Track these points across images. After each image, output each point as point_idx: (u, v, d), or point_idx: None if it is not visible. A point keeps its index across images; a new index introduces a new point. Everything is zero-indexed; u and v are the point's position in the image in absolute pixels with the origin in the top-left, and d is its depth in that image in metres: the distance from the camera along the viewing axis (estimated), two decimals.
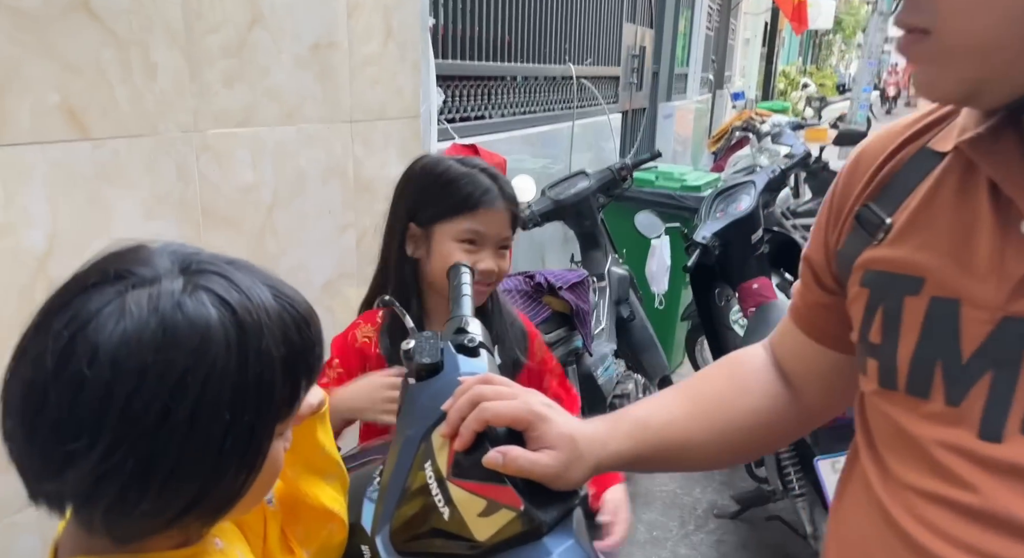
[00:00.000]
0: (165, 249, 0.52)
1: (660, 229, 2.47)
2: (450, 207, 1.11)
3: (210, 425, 0.47)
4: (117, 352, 0.45)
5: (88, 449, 0.45)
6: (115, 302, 0.47)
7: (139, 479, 0.46)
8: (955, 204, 0.55)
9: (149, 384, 0.45)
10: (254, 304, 0.50)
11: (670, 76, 5.30)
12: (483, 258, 1.11)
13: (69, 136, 1.05)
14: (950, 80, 0.50)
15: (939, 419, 0.54)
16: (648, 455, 0.72)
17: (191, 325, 0.46)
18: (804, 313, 0.73)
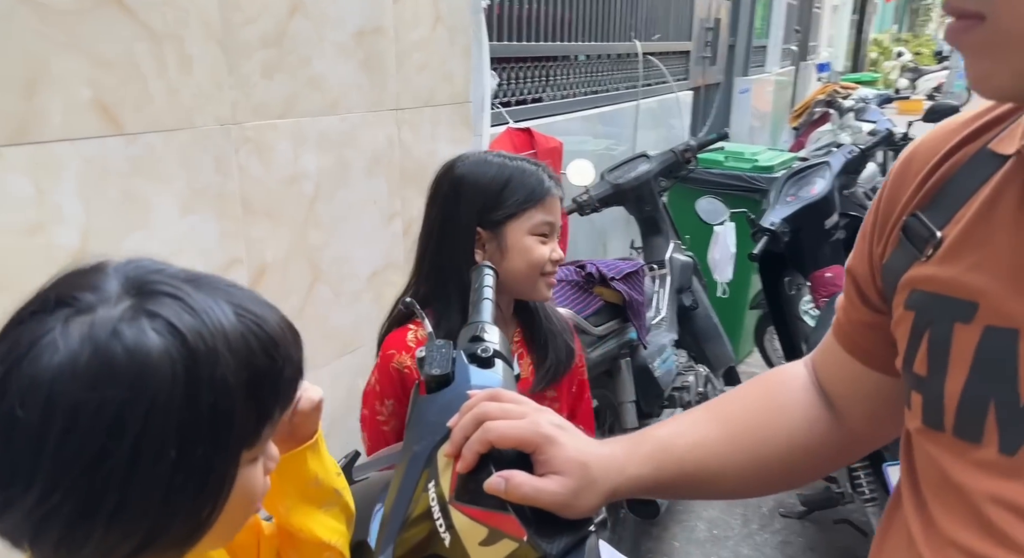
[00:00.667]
0: (122, 269, 0.48)
1: (723, 215, 2.34)
2: (518, 203, 1.10)
3: (155, 463, 0.44)
4: (50, 389, 0.42)
5: (23, 492, 0.42)
6: (51, 333, 0.43)
7: (81, 521, 0.44)
8: (1017, 217, 0.47)
9: (83, 423, 0.42)
10: (209, 328, 0.46)
11: (747, 49, 5.05)
12: (555, 247, 1.13)
13: (102, 132, 1.06)
14: (1007, 73, 0.42)
15: (992, 469, 0.46)
16: (671, 481, 0.66)
17: (129, 355, 0.43)
18: (848, 330, 0.65)
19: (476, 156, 1.15)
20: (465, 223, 1.11)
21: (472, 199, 1.11)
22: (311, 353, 0.56)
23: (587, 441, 0.65)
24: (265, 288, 1.41)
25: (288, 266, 1.46)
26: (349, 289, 1.62)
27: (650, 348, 2.14)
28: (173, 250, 1.19)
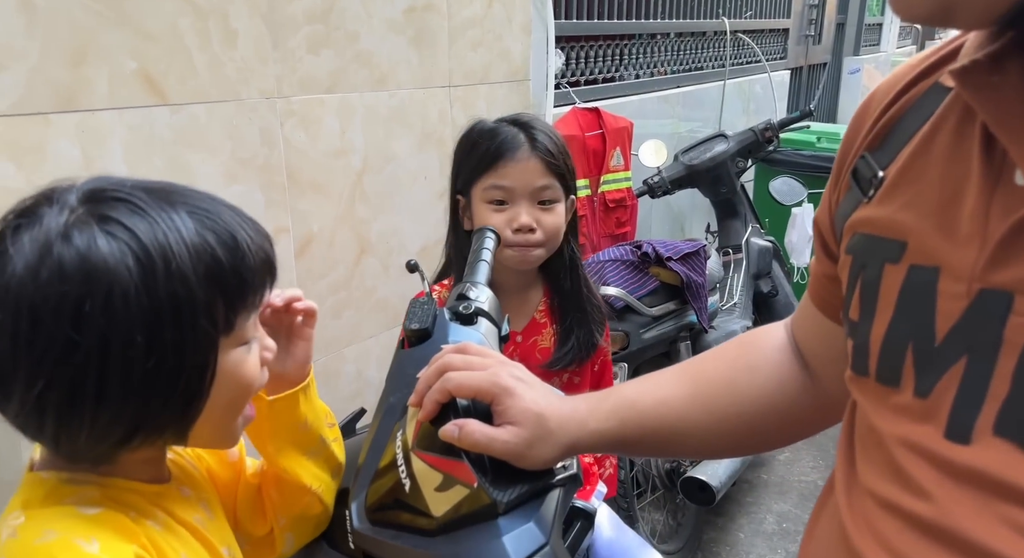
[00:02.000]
0: (85, 184, 0.53)
1: (801, 196, 2.20)
2: (475, 167, 1.06)
3: (125, 349, 0.48)
4: (15, 293, 0.47)
5: (12, 385, 0.48)
6: (10, 241, 0.49)
7: (68, 408, 0.49)
8: (949, 152, 0.44)
9: (46, 318, 0.47)
10: (162, 226, 0.50)
11: (859, 27, 4.71)
12: (518, 213, 1.04)
13: (147, 102, 1.14)
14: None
15: (906, 413, 0.43)
16: (635, 437, 0.64)
17: (79, 255, 0.47)
18: (817, 286, 0.61)
19: (478, 121, 1.13)
20: (452, 191, 1.12)
21: (454, 165, 1.12)
22: (358, 323, 0.59)
23: (547, 394, 0.64)
24: (311, 258, 1.46)
25: (335, 237, 1.50)
26: (397, 262, 1.65)
27: (716, 333, 2.05)
28: None
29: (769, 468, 2.45)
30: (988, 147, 0.41)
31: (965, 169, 0.42)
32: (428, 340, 0.75)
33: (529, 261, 1.07)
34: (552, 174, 1.06)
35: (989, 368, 0.39)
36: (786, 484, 2.38)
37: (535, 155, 1.04)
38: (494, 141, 1.05)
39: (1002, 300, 0.39)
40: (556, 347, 1.11)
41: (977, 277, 0.40)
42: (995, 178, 0.41)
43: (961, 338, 0.41)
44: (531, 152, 1.04)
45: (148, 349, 0.49)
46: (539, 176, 1.05)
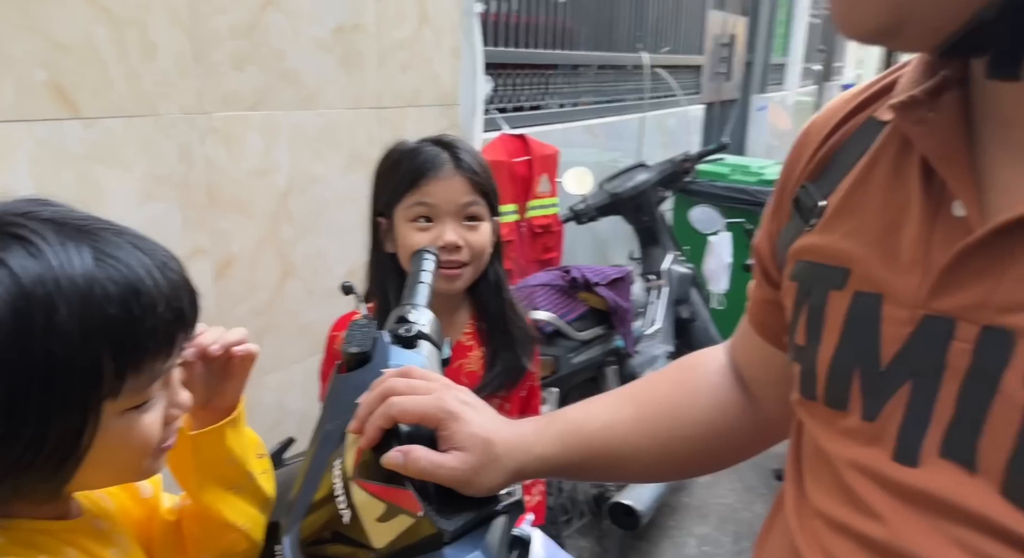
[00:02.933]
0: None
1: (718, 225, 2.30)
2: (397, 186, 1.04)
3: None
4: None
5: None
6: None
7: None
8: (888, 183, 0.46)
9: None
10: (53, 272, 0.46)
11: (765, 66, 5.01)
12: (443, 232, 1.01)
13: (57, 115, 1.06)
14: (870, 5, 0.39)
15: (854, 436, 0.45)
16: (580, 462, 0.64)
17: None
18: (756, 311, 0.63)
19: (398, 142, 1.11)
20: (373, 213, 1.10)
21: (375, 186, 1.10)
22: (281, 349, 0.54)
23: (494, 419, 0.63)
24: (231, 280, 1.40)
25: (257, 259, 1.45)
26: (323, 286, 1.61)
27: (640, 357, 2.09)
28: None
29: (689, 492, 2.51)
30: (927, 179, 0.43)
31: (904, 199, 0.44)
32: (368, 364, 0.73)
33: (456, 285, 1.05)
34: (477, 192, 1.04)
35: (933, 392, 0.41)
36: (706, 507, 2.44)
37: (460, 172, 1.03)
38: (417, 159, 1.04)
39: (945, 326, 0.41)
40: (484, 371, 1.10)
41: (920, 304, 0.42)
42: (934, 209, 0.43)
43: (906, 363, 0.42)
44: (455, 170, 1.03)
45: (9, 408, 0.44)
46: (464, 193, 1.03)
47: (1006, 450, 0.38)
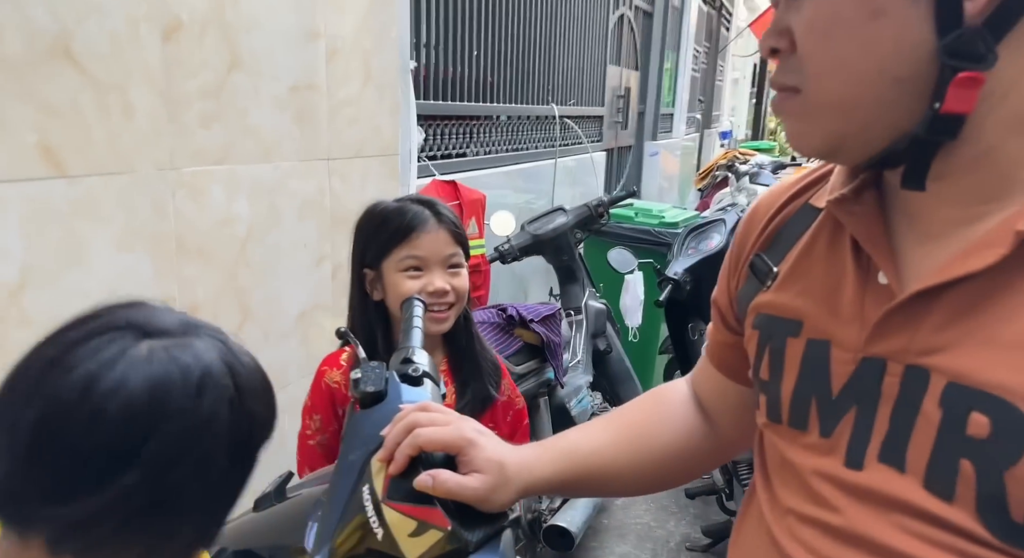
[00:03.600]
0: (165, 309, 0.56)
1: (632, 264, 2.53)
2: (387, 241, 1.16)
3: (216, 469, 0.52)
4: (152, 394, 0.49)
5: (107, 481, 0.48)
6: (135, 349, 0.50)
7: (148, 514, 0.50)
8: (827, 256, 0.60)
9: (175, 428, 0.49)
10: (246, 367, 0.56)
11: (655, 116, 5.43)
12: (432, 280, 1.15)
13: (45, 174, 1.11)
14: (816, 134, 0.54)
15: (814, 449, 0.58)
16: (573, 481, 0.75)
17: (210, 379, 0.51)
18: (715, 351, 0.77)
19: (378, 201, 1.23)
20: (355, 263, 1.21)
21: (357, 241, 1.22)
22: None
23: (503, 444, 0.73)
24: None
25: (218, 305, 1.50)
26: (278, 329, 1.67)
27: (567, 388, 2.26)
28: (110, 287, 1.23)
29: (609, 514, 2.67)
30: (856, 253, 0.57)
31: (841, 269, 0.58)
32: (383, 401, 0.83)
33: (444, 326, 1.18)
34: (457, 243, 1.19)
35: (872, 414, 0.53)
36: (624, 528, 2.61)
37: (443, 227, 1.17)
38: (405, 217, 1.17)
39: (879, 365, 0.53)
40: (456, 402, 1.21)
41: (860, 348, 0.55)
42: (864, 276, 0.56)
43: (851, 393, 0.55)
44: (439, 225, 1.17)
45: (227, 472, 0.54)
46: (448, 245, 1.17)
47: (926, 455, 0.51)
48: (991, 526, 0.47)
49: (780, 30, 0.55)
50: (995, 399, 0.47)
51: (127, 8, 1.22)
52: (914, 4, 0.47)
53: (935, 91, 0.48)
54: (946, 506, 0.49)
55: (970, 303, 0.50)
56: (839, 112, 0.52)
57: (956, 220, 0.53)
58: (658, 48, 5.27)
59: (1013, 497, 0.46)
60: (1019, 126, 0.49)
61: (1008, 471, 0.46)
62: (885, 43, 0.49)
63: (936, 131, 0.49)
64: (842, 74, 0.51)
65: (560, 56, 3.56)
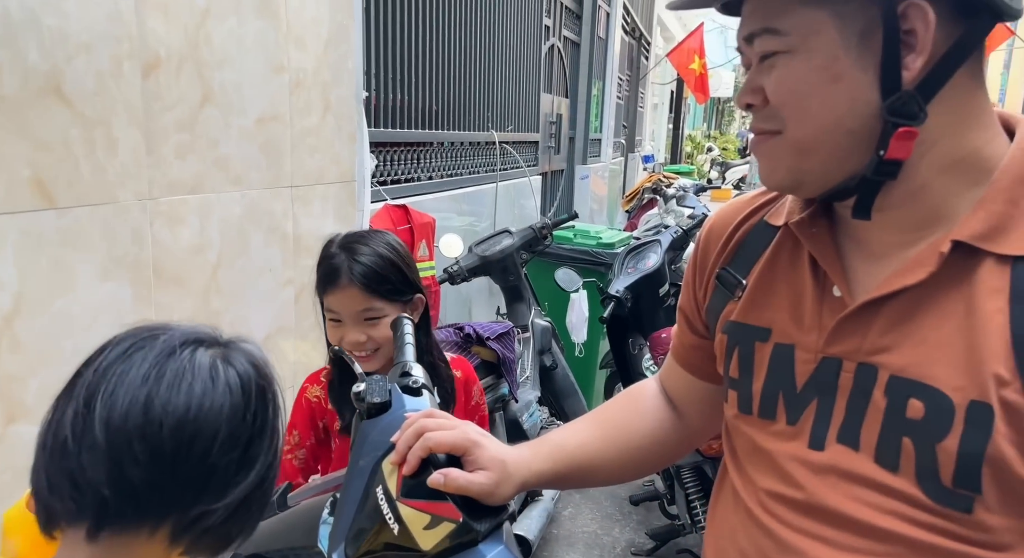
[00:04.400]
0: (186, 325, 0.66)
1: (578, 283, 2.67)
2: (317, 289, 1.23)
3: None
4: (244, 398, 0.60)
5: (234, 481, 0.58)
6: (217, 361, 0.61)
7: (248, 506, 0.60)
8: (788, 271, 0.72)
9: (267, 427, 0.61)
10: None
11: (585, 141, 5.67)
12: (347, 332, 1.20)
13: (37, 206, 1.15)
14: (782, 171, 0.66)
15: (782, 436, 0.69)
16: (564, 473, 0.85)
17: (266, 379, 0.64)
18: (681, 352, 0.89)
19: (332, 237, 1.27)
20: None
21: None
22: None
23: (503, 445, 0.82)
24: None
25: None
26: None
27: (519, 403, 2.37)
28: (94, 313, 1.27)
29: (558, 524, 2.78)
30: (814, 270, 0.68)
31: (802, 282, 0.68)
32: (388, 411, 0.92)
33: (371, 366, 1.21)
34: (373, 297, 1.18)
35: (831, 404, 0.64)
36: (573, 536, 2.72)
37: (353, 283, 1.17)
38: (324, 269, 1.21)
39: (836, 364, 0.64)
40: None
41: (819, 350, 0.65)
42: (821, 290, 0.67)
43: (813, 387, 0.66)
44: (350, 281, 1.17)
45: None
46: (360, 301, 1.18)
47: (876, 435, 0.62)
48: (927, 491, 0.60)
49: (753, 88, 0.66)
50: (927, 388, 0.59)
51: (112, 47, 1.28)
52: (864, 72, 0.60)
53: (880, 141, 0.60)
54: (892, 476, 0.61)
55: (907, 311, 0.62)
56: (803, 154, 0.64)
57: (895, 243, 0.64)
58: (585, 76, 5.51)
59: (943, 466, 0.58)
60: (945, 168, 0.62)
61: (939, 445, 0.58)
62: (841, 102, 0.60)
63: (880, 173, 0.61)
64: (807, 124, 0.63)
65: (498, 84, 3.72)
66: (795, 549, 0.67)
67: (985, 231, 0.60)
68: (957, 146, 0.62)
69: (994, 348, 0.57)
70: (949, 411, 0.58)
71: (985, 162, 0.62)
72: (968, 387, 0.58)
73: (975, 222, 0.60)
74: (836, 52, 0.60)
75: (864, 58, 0.60)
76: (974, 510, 0.58)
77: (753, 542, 0.71)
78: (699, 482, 2.22)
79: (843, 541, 0.64)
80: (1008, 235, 0.60)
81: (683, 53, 7.34)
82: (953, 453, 0.58)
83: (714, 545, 0.79)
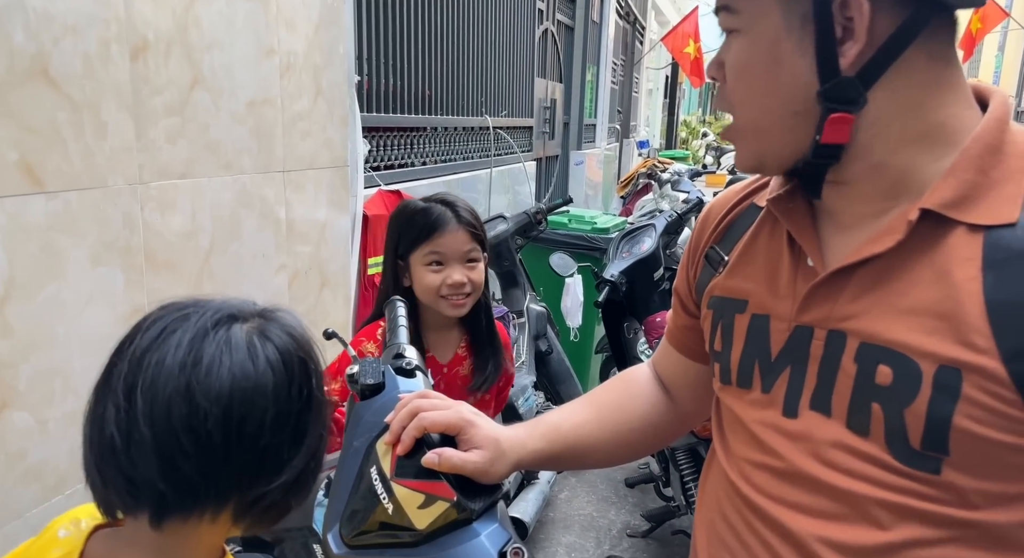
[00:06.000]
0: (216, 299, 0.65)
1: (573, 268, 2.67)
2: (414, 238, 1.33)
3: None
4: (287, 376, 0.60)
5: (287, 460, 0.59)
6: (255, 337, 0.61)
7: (302, 482, 0.61)
8: (767, 245, 0.73)
9: (315, 402, 0.63)
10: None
11: (580, 126, 5.65)
12: (451, 273, 1.33)
13: (25, 190, 1.14)
14: (744, 153, 0.69)
15: (757, 404, 0.70)
16: (559, 453, 0.86)
17: (306, 351, 0.64)
18: (675, 334, 0.90)
19: (408, 200, 1.41)
20: (390, 255, 1.38)
21: (390, 236, 1.39)
22: None
23: (497, 424, 0.82)
24: None
25: None
26: None
27: (515, 388, 2.37)
28: (85, 299, 1.26)
29: (553, 507, 2.80)
30: (791, 243, 0.69)
31: (779, 255, 0.70)
32: (382, 392, 0.92)
33: (461, 311, 1.35)
34: (475, 240, 1.36)
35: (803, 371, 0.65)
36: (569, 519, 2.75)
37: (462, 227, 1.34)
38: (429, 217, 1.34)
39: (807, 332, 0.66)
40: (475, 375, 1.39)
41: (792, 318, 0.67)
42: (796, 261, 0.68)
43: (787, 355, 0.67)
44: (458, 225, 1.34)
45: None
46: (466, 243, 1.35)
47: (846, 401, 0.63)
48: (896, 454, 0.61)
49: (718, 63, 0.68)
50: (896, 354, 0.60)
51: (99, 29, 1.26)
52: (803, 56, 0.61)
53: (817, 126, 0.62)
54: (863, 441, 0.63)
55: (876, 279, 0.63)
56: (756, 135, 0.67)
57: (864, 214, 0.66)
58: (580, 61, 5.49)
59: (911, 429, 0.60)
60: (906, 143, 0.63)
61: (907, 409, 0.60)
62: (784, 84, 0.63)
63: (820, 156, 0.64)
64: (755, 106, 0.65)
65: (492, 69, 3.70)
66: (775, 519, 0.68)
67: (954, 199, 0.60)
68: (917, 122, 0.62)
69: (967, 316, 0.58)
70: (917, 376, 0.59)
71: (953, 135, 0.62)
72: (936, 353, 0.58)
73: (944, 190, 0.61)
74: (779, 35, 0.61)
75: (804, 43, 0.61)
76: (942, 471, 0.59)
77: (738, 513, 0.72)
78: (694, 463, 2.23)
79: (819, 507, 0.65)
80: (977, 204, 0.60)
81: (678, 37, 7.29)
82: (922, 417, 0.59)
83: (703, 519, 0.80)
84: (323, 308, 2.09)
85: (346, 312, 2.24)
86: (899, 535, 0.61)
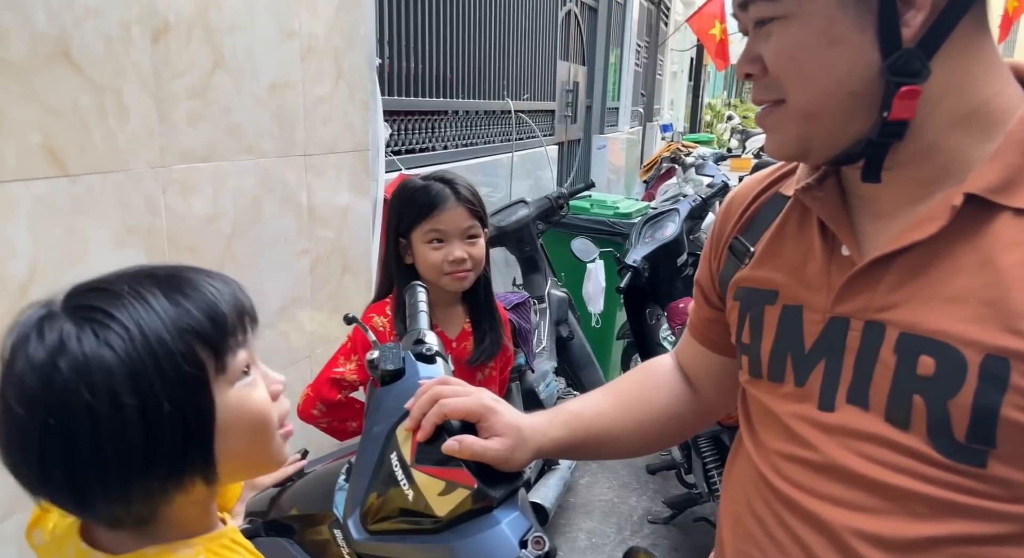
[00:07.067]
0: None
1: (595, 254, 2.65)
2: (414, 216, 1.35)
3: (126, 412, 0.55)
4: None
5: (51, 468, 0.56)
6: None
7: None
8: (796, 235, 0.71)
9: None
10: (137, 308, 0.59)
11: (602, 110, 5.58)
12: (452, 249, 1.34)
13: (49, 173, 1.14)
14: (791, 140, 0.66)
15: (791, 397, 0.69)
16: (580, 442, 0.85)
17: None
18: (698, 326, 0.88)
19: (408, 179, 1.41)
20: (391, 233, 1.39)
21: (391, 214, 1.40)
22: None
23: (518, 412, 0.82)
24: None
25: None
26: (261, 321, 1.71)
27: (536, 374, 2.37)
28: None
29: (575, 492, 2.80)
30: (823, 232, 0.67)
31: (809, 245, 0.68)
32: (402, 378, 0.91)
33: (463, 284, 1.36)
34: (474, 217, 1.37)
35: (839, 364, 0.64)
36: (590, 504, 2.74)
37: (460, 204, 1.35)
38: (428, 195, 1.35)
39: (843, 323, 0.64)
40: (474, 347, 1.41)
41: (827, 309, 0.65)
42: (829, 251, 0.66)
43: (821, 347, 0.65)
44: (457, 202, 1.35)
45: (142, 407, 0.55)
46: (465, 219, 1.36)
47: (885, 394, 0.61)
48: (939, 447, 0.59)
49: (752, 58, 0.65)
50: (939, 344, 0.58)
51: (120, 11, 1.25)
52: (862, 32, 0.58)
53: (883, 102, 0.60)
54: (903, 434, 0.61)
55: (917, 267, 0.61)
56: (808, 121, 0.63)
57: (904, 200, 0.64)
58: (603, 43, 5.41)
59: (956, 421, 0.58)
60: (954, 123, 0.61)
61: (951, 400, 0.58)
62: (841, 65, 0.60)
63: (886, 134, 0.61)
64: (809, 90, 0.62)
65: (513, 51, 3.65)
66: (808, 511, 0.66)
67: (1000, 184, 0.58)
68: (965, 100, 0.60)
69: (1014, 302, 0.56)
70: (961, 366, 0.57)
71: (997, 115, 0.61)
72: (982, 341, 0.56)
73: (989, 174, 0.59)
74: (833, 14, 0.59)
75: (862, 18, 0.58)
76: (988, 464, 0.58)
77: (768, 506, 0.71)
78: (716, 451, 2.21)
79: (856, 500, 0.63)
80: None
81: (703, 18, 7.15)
82: (967, 408, 0.57)
83: (729, 511, 0.79)
84: (344, 293, 2.09)
85: (367, 297, 2.23)
86: (941, 529, 0.59)
